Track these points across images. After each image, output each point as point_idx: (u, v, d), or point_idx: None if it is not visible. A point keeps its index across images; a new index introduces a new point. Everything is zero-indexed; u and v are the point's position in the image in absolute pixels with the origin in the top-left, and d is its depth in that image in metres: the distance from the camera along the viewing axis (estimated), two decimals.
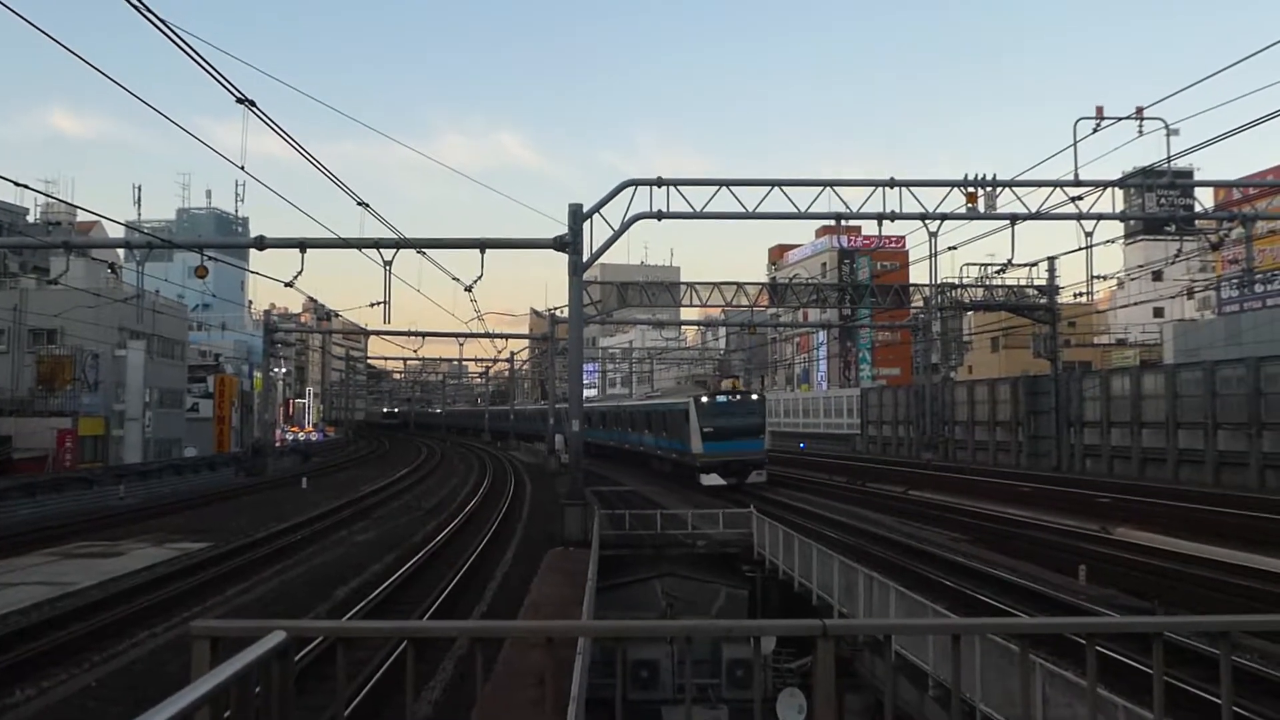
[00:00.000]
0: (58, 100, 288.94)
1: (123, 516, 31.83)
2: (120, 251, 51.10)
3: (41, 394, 46.46)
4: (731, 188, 26.29)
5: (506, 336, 73.28)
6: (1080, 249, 31.34)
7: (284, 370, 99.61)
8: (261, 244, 27.09)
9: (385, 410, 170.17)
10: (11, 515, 32.03)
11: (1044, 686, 9.51)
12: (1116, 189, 29.10)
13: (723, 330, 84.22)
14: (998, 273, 46.58)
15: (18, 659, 13.42)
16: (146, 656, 14.04)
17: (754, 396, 40.41)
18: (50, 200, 53.68)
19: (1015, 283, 47.42)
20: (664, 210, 25.59)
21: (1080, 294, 47.71)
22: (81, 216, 64.00)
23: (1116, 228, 63.36)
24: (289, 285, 28.39)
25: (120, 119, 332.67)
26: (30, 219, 56.53)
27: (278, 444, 73.42)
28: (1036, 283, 47.09)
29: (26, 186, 21.15)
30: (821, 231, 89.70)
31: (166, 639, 14.97)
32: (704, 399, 38.21)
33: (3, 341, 48.01)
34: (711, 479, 36.08)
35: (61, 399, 46.51)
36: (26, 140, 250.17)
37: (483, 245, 25.71)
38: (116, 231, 45.54)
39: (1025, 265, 46.66)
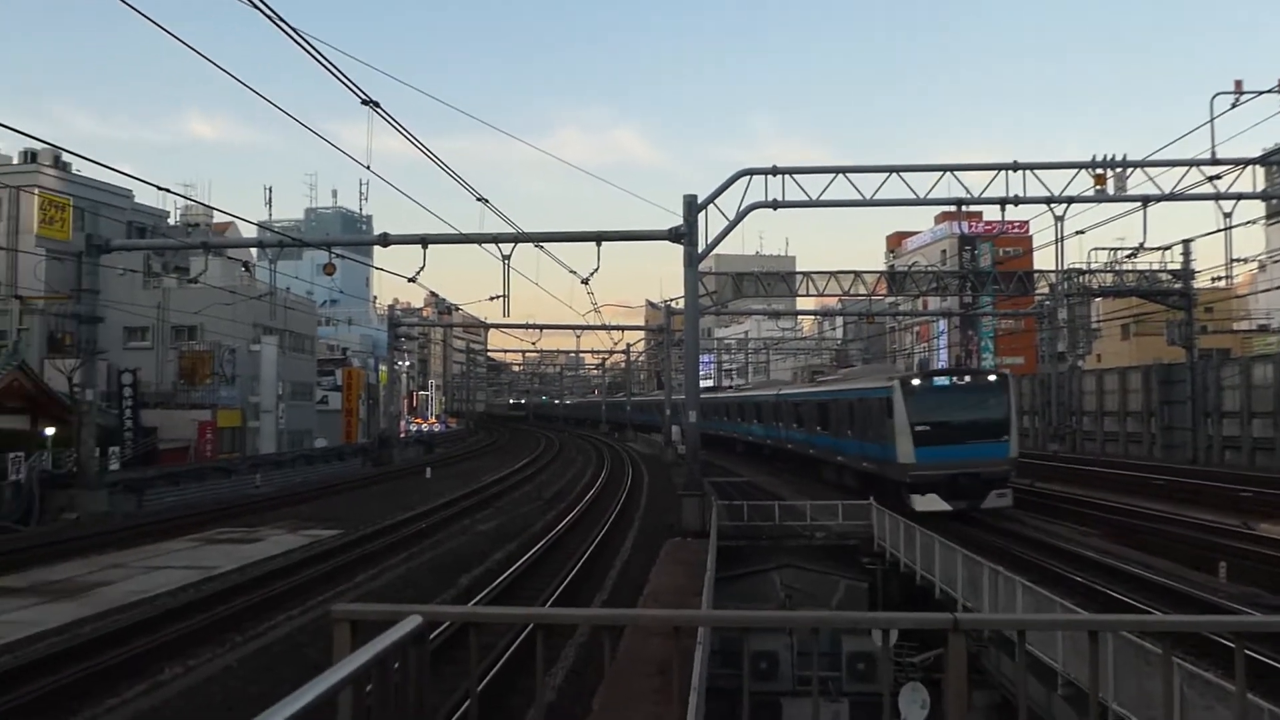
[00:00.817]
0: (193, 106, 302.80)
1: (259, 504, 33.26)
2: (253, 250, 53.34)
3: (183, 387, 48.83)
4: (848, 175, 25.91)
5: (623, 328, 73.48)
6: (1218, 230, 30.05)
7: (407, 363, 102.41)
8: (385, 241, 27.96)
9: (510, 402, 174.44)
10: (159, 502, 33.86)
11: (1182, 687, 9.15)
12: (1257, 167, 27.66)
13: (840, 320, 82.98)
14: (1128, 257, 44.81)
15: (167, 639, 14.17)
16: (284, 638, 14.63)
17: (992, 378, 28.52)
18: (189, 203, 56.12)
19: (1147, 267, 45.56)
20: (779, 199, 25.34)
21: (1218, 278, 45.53)
22: (217, 218, 66.67)
23: (1258, 208, 60.18)
24: (412, 280, 29.25)
25: (251, 122, 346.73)
26: (170, 221, 59.23)
27: (402, 435, 75.54)
28: (1170, 267, 45.13)
29: (168, 190, 22.27)
30: (941, 218, 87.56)
31: (302, 622, 15.58)
32: (915, 381, 27.69)
33: (148, 338, 50.54)
34: (929, 502, 25.21)
35: (201, 392, 48.76)
36: (168, 146, 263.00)
37: (599, 238, 26.00)
38: (249, 231, 47.54)
39: (1158, 249, 44.71)
